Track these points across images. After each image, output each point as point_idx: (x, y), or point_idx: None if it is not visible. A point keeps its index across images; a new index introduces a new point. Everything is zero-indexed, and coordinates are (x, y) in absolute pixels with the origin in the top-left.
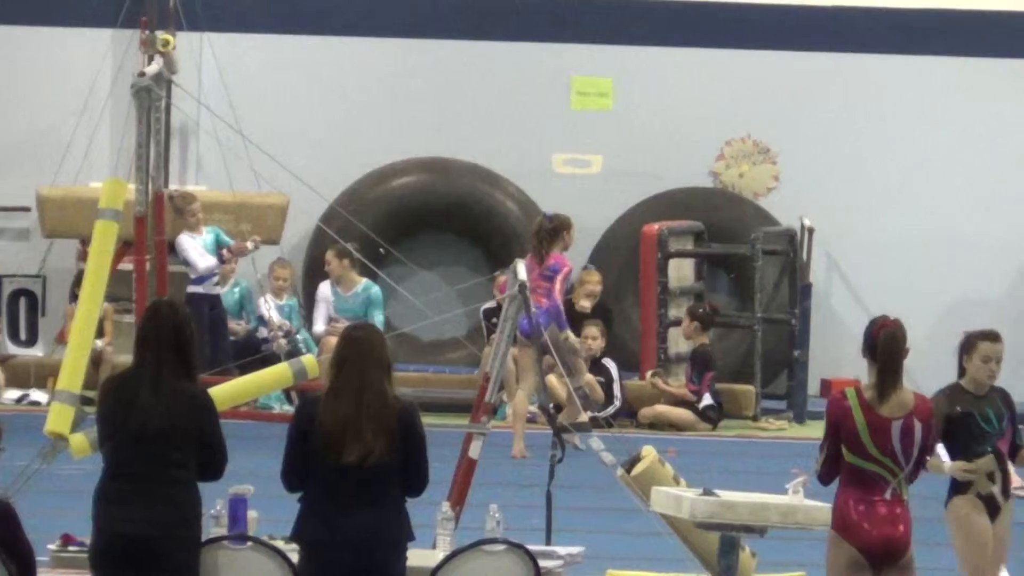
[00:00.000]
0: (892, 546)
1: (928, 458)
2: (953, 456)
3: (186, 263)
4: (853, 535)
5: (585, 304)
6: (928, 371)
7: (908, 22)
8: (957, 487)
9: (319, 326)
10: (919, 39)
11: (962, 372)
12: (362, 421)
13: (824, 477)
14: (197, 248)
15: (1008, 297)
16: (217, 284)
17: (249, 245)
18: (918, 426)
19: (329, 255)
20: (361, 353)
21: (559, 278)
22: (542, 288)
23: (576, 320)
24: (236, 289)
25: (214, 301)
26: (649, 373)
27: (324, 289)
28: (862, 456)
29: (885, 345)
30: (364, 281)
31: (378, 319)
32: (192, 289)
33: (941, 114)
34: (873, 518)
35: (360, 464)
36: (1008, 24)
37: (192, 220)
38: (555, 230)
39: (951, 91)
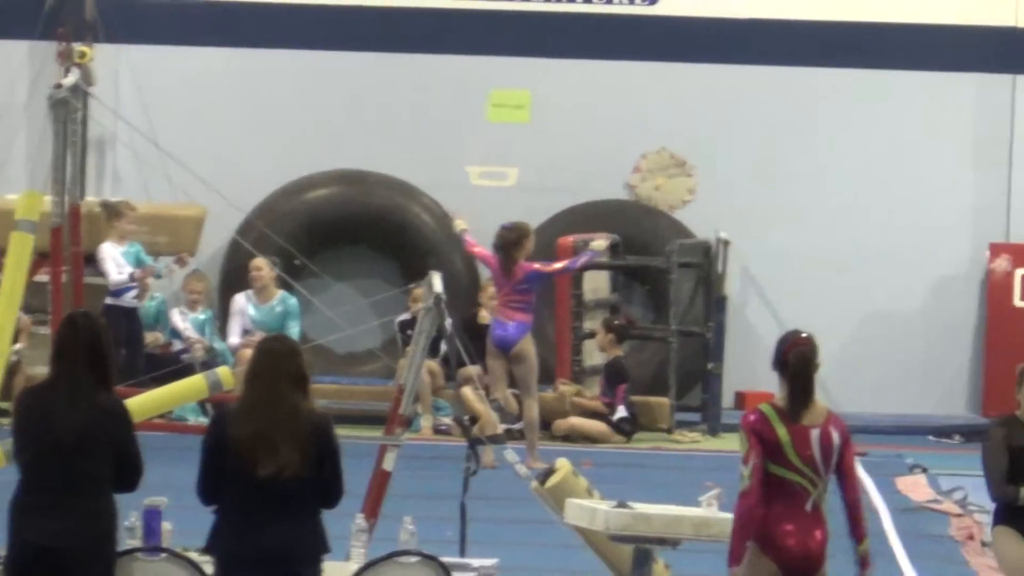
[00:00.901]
0: (810, 560)
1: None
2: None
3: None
4: (772, 548)
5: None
6: (842, 383)
7: (824, 35)
8: (1002, 516)
9: (234, 339)
10: (835, 52)
11: (1017, 404)
12: (275, 435)
13: (754, 491)
14: (117, 259)
15: (922, 310)
16: (135, 298)
17: (162, 270)
18: (834, 434)
19: (261, 262)
20: (275, 366)
21: (558, 269)
22: (517, 302)
23: (483, 332)
24: (152, 303)
25: (131, 314)
26: (560, 383)
27: (240, 301)
28: (784, 466)
29: (795, 366)
30: (281, 293)
31: (294, 331)
32: (109, 301)
33: (857, 127)
34: (793, 532)
35: (274, 478)
36: (924, 37)
37: (127, 228)
38: (518, 240)
39: (867, 104)
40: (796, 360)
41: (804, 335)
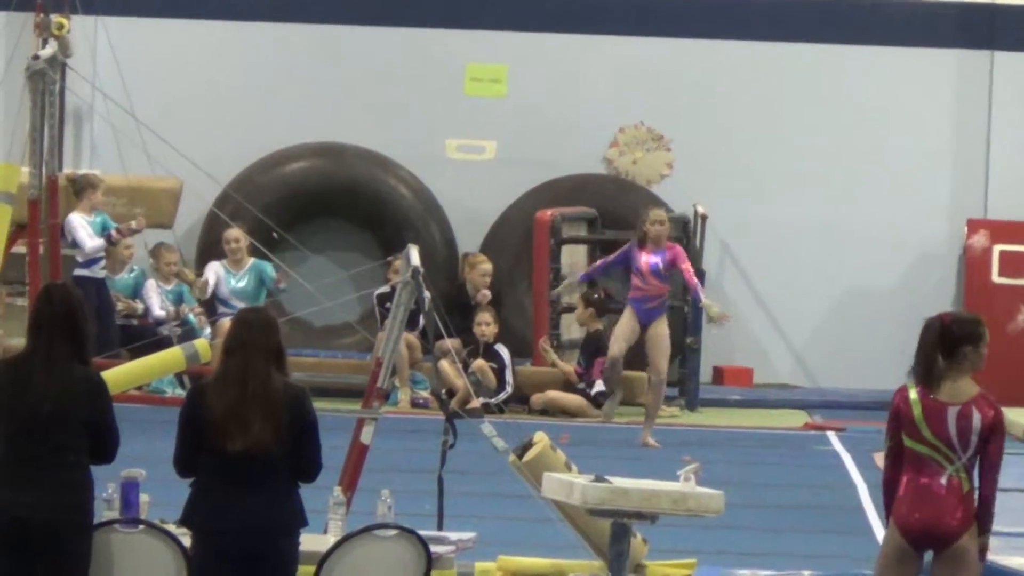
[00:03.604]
0: (933, 535)
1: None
2: None
3: (74, 244)
4: (898, 517)
5: (476, 292)
6: (820, 358)
7: (803, 10)
8: None
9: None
10: (814, 27)
11: None
12: (247, 409)
13: (888, 464)
14: (87, 228)
15: (900, 286)
16: (103, 268)
17: (133, 224)
18: (976, 416)
19: (238, 232)
20: (250, 339)
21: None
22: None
23: (467, 307)
24: (131, 274)
25: (100, 285)
26: (542, 340)
27: (215, 266)
28: (916, 439)
29: (921, 335)
30: (252, 260)
31: (269, 270)
32: (79, 272)
33: (835, 103)
34: (919, 505)
35: (246, 452)
36: (903, 13)
37: (93, 200)
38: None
39: (845, 80)
40: (923, 328)
41: (954, 311)
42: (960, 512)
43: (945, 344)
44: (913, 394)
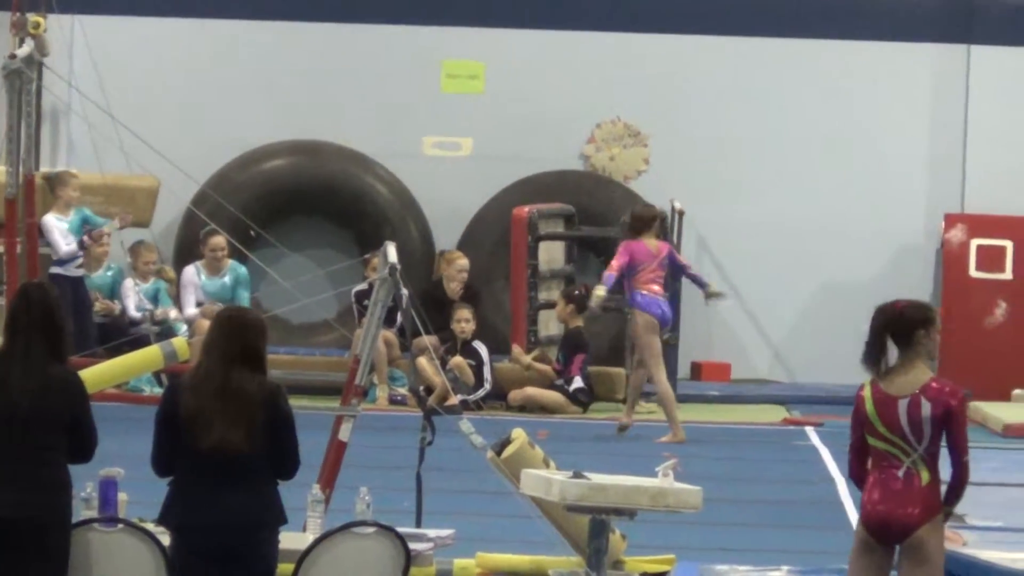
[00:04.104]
0: (892, 528)
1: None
2: None
3: (49, 245)
4: (862, 511)
5: (453, 288)
6: (797, 353)
7: (780, 6)
8: None
9: (189, 310)
10: (791, 22)
11: None
12: (220, 410)
13: (851, 460)
14: (61, 230)
15: (878, 281)
16: (80, 267)
17: (107, 229)
18: (926, 406)
19: (221, 242)
20: (228, 339)
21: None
22: (662, 278)
23: (445, 303)
24: (109, 272)
25: (76, 283)
26: (515, 348)
27: (190, 273)
28: (873, 435)
29: (871, 323)
30: (231, 262)
31: (245, 299)
32: (54, 271)
33: (812, 98)
34: (879, 498)
35: (221, 450)
36: (879, 8)
37: (71, 196)
38: (654, 216)
39: (822, 75)
40: (874, 314)
41: (903, 300)
42: (919, 505)
43: (899, 329)
44: (867, 390)
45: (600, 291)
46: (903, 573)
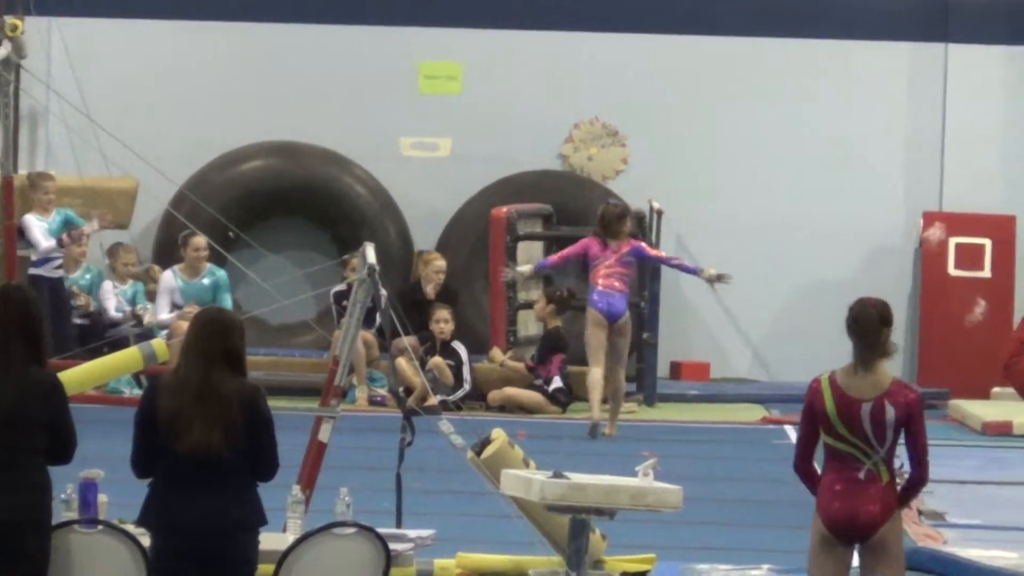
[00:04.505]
0: (855, 526)
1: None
2: None
3: (29, 244)
4: (822, 510)
5: (429, 290)
6: (776, 353)
7: (757, 5)
8: None
9: (163, 315)
10: (768, 22)
11: None
12: (199, 411)
13: (797, 455)
14: (41, 229)
15: (857, 280)
16: (59, 268)
17: (86, 229)
18: (890, 410)
19: (203, 241)
20: (206, 339)
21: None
22: (622, 274)
23: (423, 304)
24: (87, 275)
25: (55, 284)
26: (493, 351)
27: (168, 279)
28: (833, 436)
29: (855, 322)
30: (209, 266)
31: (227, 303)
32: (33, 271)
33: (790, 97)
34: (840, 497)
35: (199, 452)
36: (857, 6)
37: (44, 198)
38: (623, 213)
39: (800, 74)
40: (856, 317)
41: (871, 298)
42: (879, 504)
43: (867, 328)
44: (826, 387)
45: (524, 268)
46: (866, 569)
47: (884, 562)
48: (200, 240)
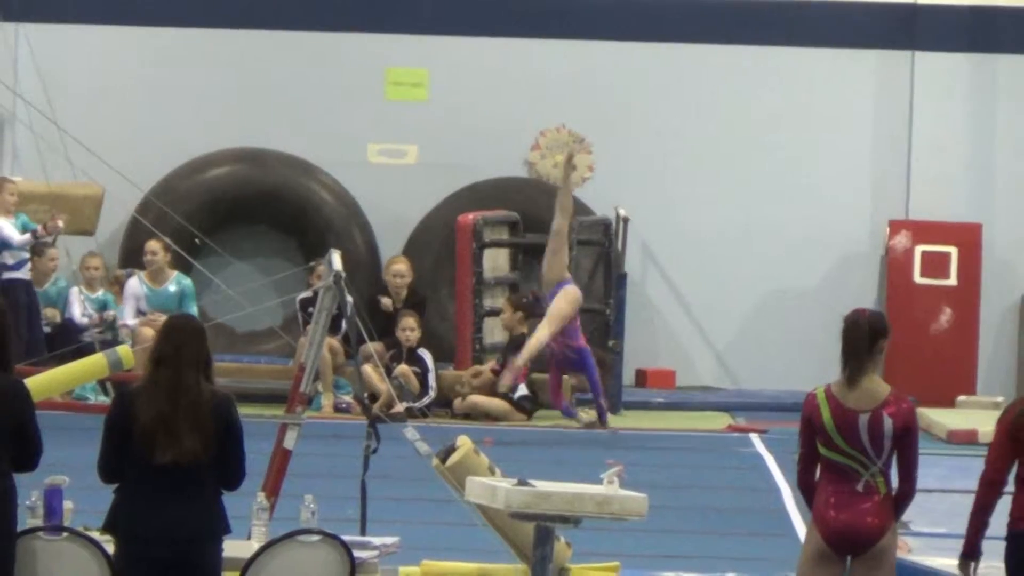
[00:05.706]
0: (852, 538)
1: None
2: None
3: (3, 244)
4: (818, 522)
5: (387, 300)
6: (742, 360)
7: (724, 12)
8: None
9: (128, 320)
10: (735, 29)
11: None
12: (177, 420)
13: (800, 471)
14: (10, 227)
15: (822, 287)
16: (30, 271)
17: (60, 223)
18: (888, 421)
19: (156, 245)
20: (179, 348)
21: None
22: None
23: (389, 311)
24: (55, 287)
25: (28, 286)
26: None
27: (134, 285)
28: (831, 449)
29: (842, 337)
30: (175, 274)
31: (192, 311)
32: (8, 276)
33: (756, 104)
34: (837, 508)
35: (174, 462)
36: (824, 14)
37: (9, 199)
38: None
39: (766, 81)
40: (849, 327)
41: (865, 308)
42: (878, 516)
43: (863, 339)
44: (822, 401)
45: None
46: None
47: (878, 571)
48: (151, 244)
